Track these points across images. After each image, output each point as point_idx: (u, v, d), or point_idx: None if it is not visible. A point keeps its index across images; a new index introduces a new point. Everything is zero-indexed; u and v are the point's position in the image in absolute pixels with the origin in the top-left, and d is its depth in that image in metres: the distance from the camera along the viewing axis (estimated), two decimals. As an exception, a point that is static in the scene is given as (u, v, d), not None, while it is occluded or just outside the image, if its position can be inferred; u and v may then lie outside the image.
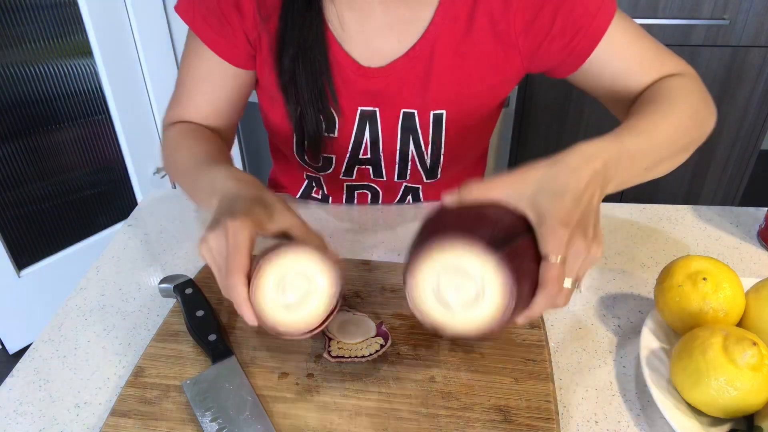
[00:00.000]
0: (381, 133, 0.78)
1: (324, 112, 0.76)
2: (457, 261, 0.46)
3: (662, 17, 1.62)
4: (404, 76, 0.75)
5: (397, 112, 0.77)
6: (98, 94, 1.68)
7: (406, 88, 0.75)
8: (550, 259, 0.47)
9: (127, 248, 0.79)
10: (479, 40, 0.73)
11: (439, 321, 0.48)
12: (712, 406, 0.51)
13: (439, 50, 0.73)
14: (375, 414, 0.53)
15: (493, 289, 0.45)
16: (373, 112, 0.77)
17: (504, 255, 0.44)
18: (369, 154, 0.81)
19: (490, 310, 0.46)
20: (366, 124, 0.78)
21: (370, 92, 0.76)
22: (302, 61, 0.72)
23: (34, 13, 1.49)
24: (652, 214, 0.83)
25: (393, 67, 0.74)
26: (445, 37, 0.73)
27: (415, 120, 0.77)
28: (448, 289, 0.47)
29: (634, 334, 0.64)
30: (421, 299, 0.48)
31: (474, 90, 0.76)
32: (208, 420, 0.53)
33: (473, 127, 0.80)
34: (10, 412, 0.57)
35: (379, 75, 0.74)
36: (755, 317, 0.57)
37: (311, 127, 0.76)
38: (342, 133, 0.78)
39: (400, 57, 0.74)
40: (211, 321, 0.62)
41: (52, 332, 0.66)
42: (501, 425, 0.52)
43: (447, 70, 0.74)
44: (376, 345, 0.58)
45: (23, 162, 1.59)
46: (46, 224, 1.70)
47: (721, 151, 1.84)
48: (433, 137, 0.78)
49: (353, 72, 0.75)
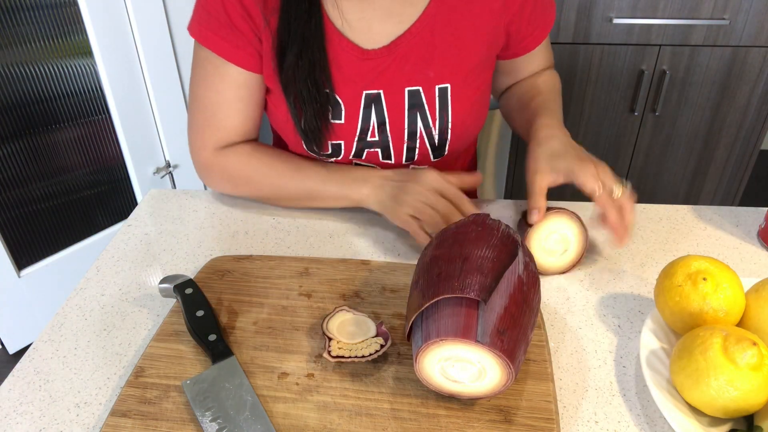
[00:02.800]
0: (387, 114, 0.80)
1: (329, 103, 0.78)
2: (454, 352, 0.51)
3: (662, 17, 1.62)
4: (407, 53, 0.77)
5: (402, 91, 0.79)
6: (98, 94, 1.68)
7: (408, 66, 0.78)
8: (597, 192, 0.68)
9: (127, 248, 0.79)
10: (475, 14, 0.78)
11: (451, 392, 0.53)
12: (712, 406, 0.51)
13: (439, 26, 0.77)
14: (375, 414, 0.53)
15: (493, 368, 0.51)
16: (377, 95, 0.79)
17: (494, 334, 0.49)
18: (377, 136, 0.82)
19: (495, 382, 0.52)
20: (372, 107, 0.80)
21: (374, 74, 0.78)
22: (304, 57, 0.74)
23: (34, 13, 1.49)
24: (652, 214, 0.83)
25: (396, 45, 0.77)
26: (444, 13, 0.77)
27: (422, 96, 0.80)
28: (453, 369, 0.52)
29: (634, 334, 0.64)
30: (430, 378, 0.53)
31: (473, 62, 0.80)
32: (208, 420, 0.53)
33: (475, 101, 0.83)
34: (10, 412, 0.57)
35: (382, 55, 0.77)
36: (755, 317, 0.57)
37: (311, 121, 0.78)
38: (349, 118, 0.80)
39: (402, 35, 0.77)
40: (211, 321, 0.62)
41: (52, 332, 0.66)
42: (501, 425, 0.52)
43: (447, 44, 0.78)
44: (376, 345, 0.58)
45: (23, 162, 1.59)
46: (46, 224, 1.70)
47: (721, 151, 1.84)
48: (440, 112, 0.81)
49: (357, 57, 0.77)
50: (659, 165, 1.87)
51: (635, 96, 1.74)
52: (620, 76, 1.72)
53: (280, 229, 0.81)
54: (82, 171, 1.74)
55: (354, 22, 0.76)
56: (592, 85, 1.73)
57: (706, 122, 1.79)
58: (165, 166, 1.87)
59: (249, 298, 0.67)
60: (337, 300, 0.66)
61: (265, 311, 0.65)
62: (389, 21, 0.76)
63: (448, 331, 0.50)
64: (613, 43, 1.67)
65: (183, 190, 0.91)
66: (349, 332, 0.59)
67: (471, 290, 0.50)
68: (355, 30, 0.76)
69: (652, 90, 1.73)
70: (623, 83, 1.73)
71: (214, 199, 0.88)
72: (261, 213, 0.84)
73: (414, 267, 0.70)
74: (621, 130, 1.81)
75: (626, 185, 0.70)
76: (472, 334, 0.49)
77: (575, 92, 1.74)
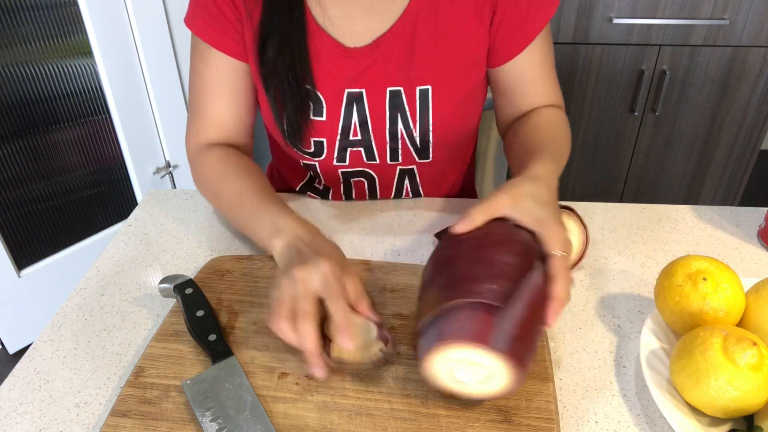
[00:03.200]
0: (369, 113, 0.80)
1: (309, 98, 0.78)
2: (467, 355, 0.50)
3: (662, 17, 1.62)
4: (388, 53, 0.77)
5: (384, 91, 0.79)
6: (98, 94, 1.68)
7: (390, 65, 0.77)
8: (558, 254, 0.56)
9: (127, 248, 0.79)
10: (458, 14, 0.76)
11: (456, 393, 0.53)
12: (712, 406, 0.51)
13: (420, 25, 0.76)
14: (375, 414, 0.53)
15: (503, 374, 0.50)
16: (359, 93, 0.79)
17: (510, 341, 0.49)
18: (359, 135, 0.82)
19: (502, 385, 0.51)
20: (353, 105, 0.79)
21: (356, 72, 0.78)
22: (285, 50, 0.75)
23: (34, 13, 1.49)
24: (652, 214, 0.83)
25: (377, 44, 0.76)
26: (426, 12, 0.76)
27: (402, 97, 0.79)
28: (461, 372, 0.51)
29: (634, 334, 0.64)
30: (436, 379, 0.52)
31: (456, 64, 0.78)
32: (208, 420, 0.53)
33: (459, 104, 0.82)
34: (10, 412, 0.57)
35: (364, 54, 0.77)
36: (755, 317, 0.57)
37: (291, 115, 0.78)
38: (330, 116, 0.80)
39: (384, 34, 0.76)
40: (211, 321, 0.62)
41: (52, 332, 0.66)
42: (501, 425, 0.52)
43: (429, 44, 0.77)
44: (375, 348, 0.57)
45: (23, 162, 1.59)
46: (46, 224, 1.70)
47: (721, 151, 1.84)
48: (420, 114, 0.80)
49: (338, 54, 0.77)
50: (659, 165, 1.87)
51: (635, 96, 1.74)
52: (620, 76, 1.72)
53: (280, 229, 0.81)
54: (82, 171, 1.74)
55: (336, 19, 0.76)
56: (592, 85, 1.73)
57: (706, 122, 1.79)
58: (165, 166, 1.87)
59: (249, 298, 0.67)
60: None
61: (265, 311, 0.65)
62: (370, 17, 0.76)
63: (465, 334, 0.49)
64: (613, 43, 1.67)
65: (183, 190, 0.91)
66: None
67: (493, 296, 0.50)
68: (336, 26, 0.76)
69: (652, 90, 1.73)
70: (623, 83, 1.73)
71: (214, 199, 0.88)
72: (261, 213, 0.84)
73: (414, 267, 0.70)
74: (621, 130, 1.81)
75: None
76: (489, 339, 0.49)
77: (575, 92, 1.74)
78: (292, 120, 0.78)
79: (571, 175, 1.90)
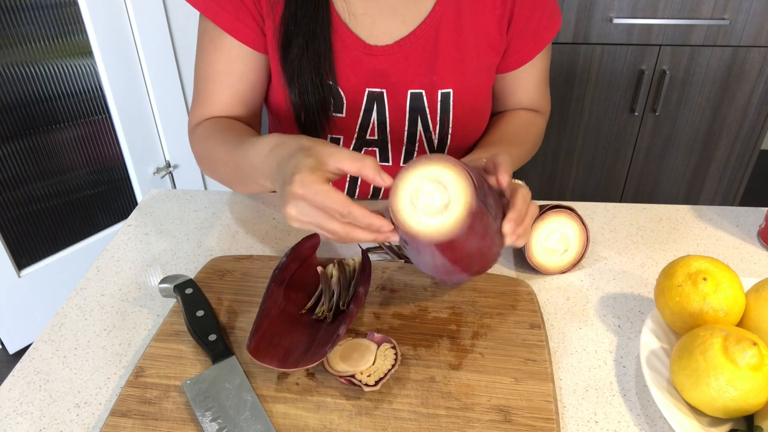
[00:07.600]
0: (388, 114, 0.80)
1: (331, 94, 0.78)
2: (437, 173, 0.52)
3: (662, 17, 1.62)
4: (410, 56, 0.77)
5: (405, 93, 0.79)
6: (98, 94, 1.68)
7: (412, 68, 0.78)
8: (520, 183, 0.61)
9: (127, 248, 0.79)
10: (479, 21, 0.77)
11: (413, 228, 0.52)
12: (712, 406, 0.51)
13: (444, 30, 0.77)
14: (375, 414, 0.53)
15: (458, 204, 0.52)
16: (380, 94, 0.79)
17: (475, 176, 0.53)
18: (376, 135, 0.82)
19: (456, 214, 0.52)
20: (374, 105, 0.80)
21: (378, 72, 0.78)
22: (310, 48, 0.74)
23: (34, 13, 1.49)
24: (652, 214, 0.83)
25: (399, 45, 0.77)
26: (449, 18, 0.76)
27: (423, 100, 0.80)
28: (423, 196, 0.52)
29: (634, 334, 0.64)
30: (398, 207, 0.53)
31: (476, 67, 0.80)
32: (208, 420, 0.53)
33: (478, 107, 0.83)
34: (10, 412, 0.57)
35: (385, 53, 0.77)
36: (755, 317, 0.57)
37: (312, 113, 0.78)
38: (350, 113, 0.80)
39: (407, 36, 0.77)
40: (211, 321, 0.62)
41: (52, 332, 0.66)
42: (501, 425, 0.52)
43: (452, 48, 0.78)
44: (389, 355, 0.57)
45: (23, 162, 1.59)
46: (46, 224, 1.70)
47: (721, 151, 1.84)
48: (441, 117, 0.81)
49: (360, 51, 0.77)
50: (659, 165, 1.87)
51: (635, 96, 1.74)
52: (620, 76, 1.72)
53: (280, 229, 0.81)
54: (82, 171, 1.74)
55: (359, 17, 0.76)
56: (592, 85, 1.73)
57: (706, 122, 1.79)
58: (165, 166, 1.87)
59: (249, 298, 0.67)
60: (337, 300, 0.66)
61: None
62: (393, 19, 0.77)
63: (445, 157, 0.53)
64: (613, 43, 1.67)
65: (183, 190, 0.91)
66: (354, 359, 0.57)
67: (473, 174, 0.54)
68: (360, 24, 0.76)
69: (652, 90, 1.73)
70: (623, 83, 1.73)
71: (214, 199, 0.88)
72: (261, 213, 0.85)
73: (414, 267, 0.70)
74: (621, 130, 1.81)
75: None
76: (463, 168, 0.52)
77: (575, 92, 1.74)
78: (313, 116, 0.78)
79: (571, 175, 1.90)
